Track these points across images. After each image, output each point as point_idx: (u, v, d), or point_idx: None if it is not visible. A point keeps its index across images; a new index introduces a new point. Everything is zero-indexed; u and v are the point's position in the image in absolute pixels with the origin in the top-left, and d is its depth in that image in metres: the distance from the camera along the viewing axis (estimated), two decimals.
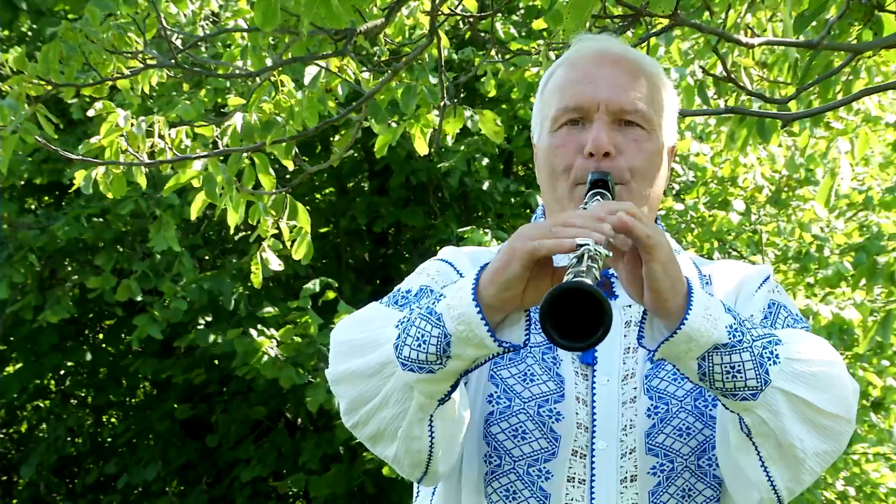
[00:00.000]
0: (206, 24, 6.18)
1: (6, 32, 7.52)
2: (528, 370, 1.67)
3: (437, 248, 8.69)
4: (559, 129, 1.75)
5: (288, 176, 6.53)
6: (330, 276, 8.82)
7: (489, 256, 1.78)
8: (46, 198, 9.29)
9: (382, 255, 9.71)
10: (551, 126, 1.76)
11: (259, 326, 7.25)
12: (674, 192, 7.86)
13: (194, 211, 3.31)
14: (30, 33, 7.97)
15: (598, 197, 1.62)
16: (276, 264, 3.54)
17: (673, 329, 1.45)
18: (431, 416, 1.54)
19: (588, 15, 2.27)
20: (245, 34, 4.85)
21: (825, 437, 1.52)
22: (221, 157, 3.21)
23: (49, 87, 3.21)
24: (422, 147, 3.77)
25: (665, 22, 2.73)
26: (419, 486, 1.76)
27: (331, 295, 6.76)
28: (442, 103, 3.68)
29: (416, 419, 1.53)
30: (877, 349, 6.13)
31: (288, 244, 3.40)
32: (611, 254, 1.43)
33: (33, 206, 9.23)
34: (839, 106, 3.28)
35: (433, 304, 1.50)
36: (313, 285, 6.78)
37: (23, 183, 8.40)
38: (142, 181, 3.17)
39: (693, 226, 6.63)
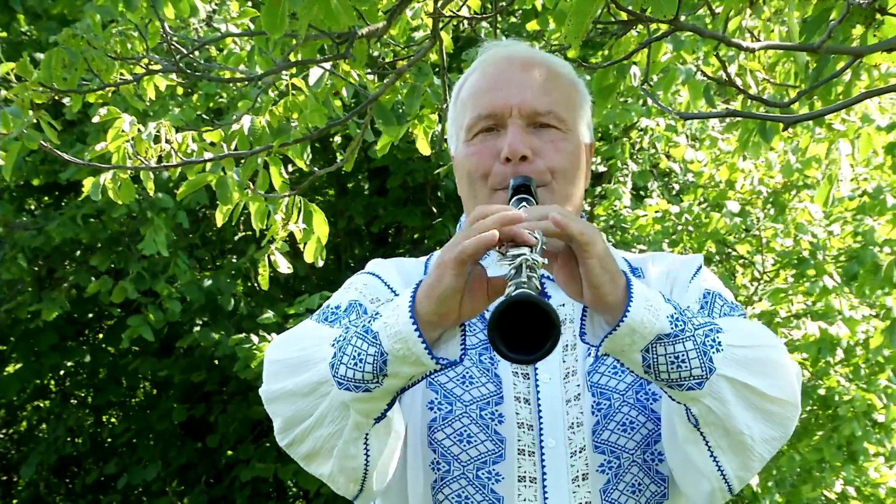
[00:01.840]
0: (201, 27, 6.17)
1: (4, 34, 7.51)
2: (466, 372, 1.67)
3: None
4: (475, 138, 1.76)
5: (289, 174, 6.53)
6: (329, 276, 8.84)
7: (416, 267, 1.81)
8: (46, 198, 9.28)
9: (382, 256, 9.69)
10: (466, 135, 1.77)
11: (260, 332, 7.26)
12: (673, 192, 7.87)
13: (219, 218, 3.31)
14: (25, 37, 7.96)
15: (524, 203, 1.62)
16: (285, 267, 3.54)
17: (615, 323, 1.44)
18: (367, 434, 1.53)
19: (590, 19, 2.28)
20: (236, 38, 4.87)
21: (772, 423, 1.53)
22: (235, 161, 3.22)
23: (53, 94, 3.21)
24: (424, 148, 3.78)
25: (666, 26, 2.73)
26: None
27: None
28: (444, 105, 3.68)
29: (351, 438, 1.52)
30: (875, 368, 6.15)
31: (301, 246, 3.40)
32: (546, 261, 1.43)
33: (32, 207, 9.23)
34: (840, 108, 3.29)
35: (369, 322, 1.49)
36: (312, 298, 6.79)
37: (21, 183, 8.40)
38: (150, 187, 3.17)
39: (690, 228, 6.64)
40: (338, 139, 8.53)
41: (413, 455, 1.65)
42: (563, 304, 1.71)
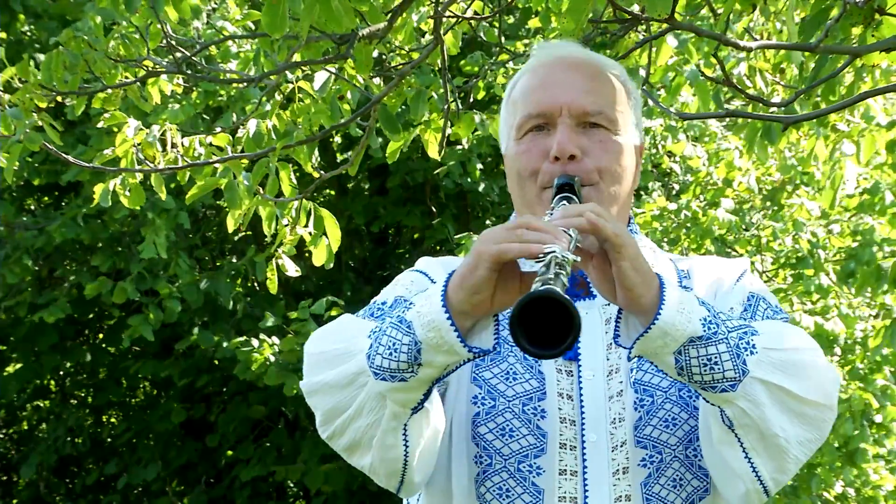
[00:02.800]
0: (202, 27, 6.17)
1: (3, 35, 7.51)
2: (510, 369, 1.68)
3: (437, 247, 8.73)
4: (525, 136, 1.77)
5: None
6: (329, 276, 8.85)
7: None
8: (46, 198, 9.28)
9: (382, 255, 9.72)
10: (517, 134, 1.79)
11: (261, 336, 7.28)
12: (673, 192, 7.89)
13: (230, 224, 3.31)
14: (26, 37, 7.96)
15: (565, 201, 1.63)
16: (293, 270, 3.53)
17: (647, 324, 1.45)
18: (405, 425, 1.55)
19: (585, 17, 2.28)
20: (237, 38, 4.88)
21: (807, 425, 1.53)
22: (244, 165, 3.22)
23: (57, 97, 3.21)
24: (434, 152, 3.78)
25: (663, 26, 2.74)
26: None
27: (337, 312, 6.80)
28: (446, 107, 3.68)
29: (389, 428, 1.54)
30: (873, 366, 6.15)
31: (311, 249, 3.39)
32: (579, 258, 1.44)
33: (32, 207, 9.23)
34: (841, 108, 3.29)
35: (403, 312, 1.51)
36: (320, 303, 6.81)
37: (22, 183, 8.40)
38: (162, 193, 3.17)
39: (688, 225, 6.64)
40: (338, 139, 8.54)
41: (457, 449, 1.67)
42: (608, 304, 1.72)
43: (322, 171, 3.49)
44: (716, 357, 1.47)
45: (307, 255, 3.55)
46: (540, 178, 1.74)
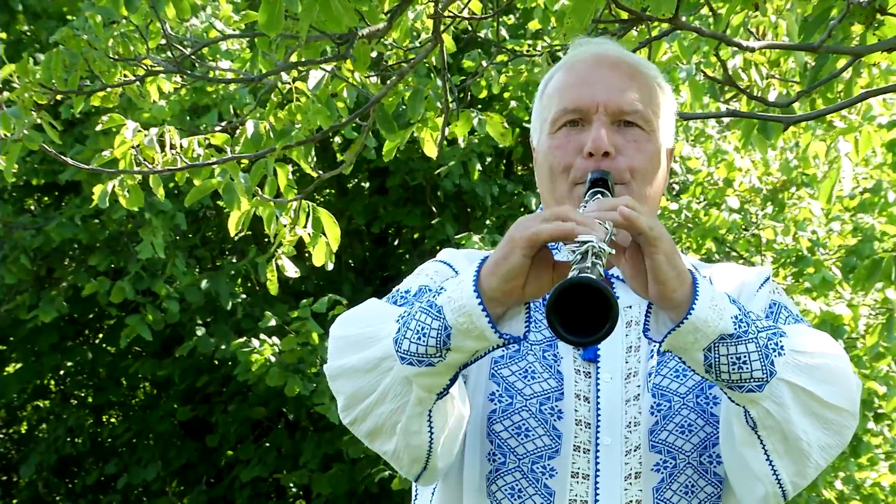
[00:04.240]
0: (201, 24, 6.15)
1: (3, 35, 7.51)
2: (529, 367, 1.67)
3: (437, 248, 8.72)
4: (558, 131, 1.76)
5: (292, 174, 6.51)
6: (329, 276, 8.85)
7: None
8: (46, 198, 9.28)
9: (382, 256, 9.72)
10: (550, 128, 1.77)
11: (261, 336, 7.27)
12: (673, 192, 7.88)
13: (232, 227, 3.31)
14: (25, 36, 7.96)
15: (598, 195, 1.63)
16: (293, 271, 3.52)
17: (679, 319, 1.45)
18: (430, 410, 1.54)
19: (589, 16, 2.28)
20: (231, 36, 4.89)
21: (830, 431, 1.53)
22: (241, 165, 3.22)
23: (57, 95, 3.21)
24: (431, 150, 3.78)
25: (666, 25, 2.74)
26: (417, 486, 1.77)
27: (340, 310, 6.79)
28: (444, 106, 3.68)
29: (415, 413, 1.53)
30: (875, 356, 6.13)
31: (311, 249, 3.40)
32: (614, 251, 1.43)
33: (31, 207, 9.23)
34: (841, 109, 3.30)
35: (433, 297, 1.51)
36: (322, 302, 6.81)
37: (21, 184, 8.39)
38: (160, 193, 3.17)
39: (690, 226, 6.64)
40: (338, 140, 8.53)
41: (471, 445, 1.66)
42: (630, 307, 1.72)
43: (320, 171, 3.49)
44: (745, 356, 1.47)
45: (307, 255, 3.55)
46: (572, 174, 1.73)
